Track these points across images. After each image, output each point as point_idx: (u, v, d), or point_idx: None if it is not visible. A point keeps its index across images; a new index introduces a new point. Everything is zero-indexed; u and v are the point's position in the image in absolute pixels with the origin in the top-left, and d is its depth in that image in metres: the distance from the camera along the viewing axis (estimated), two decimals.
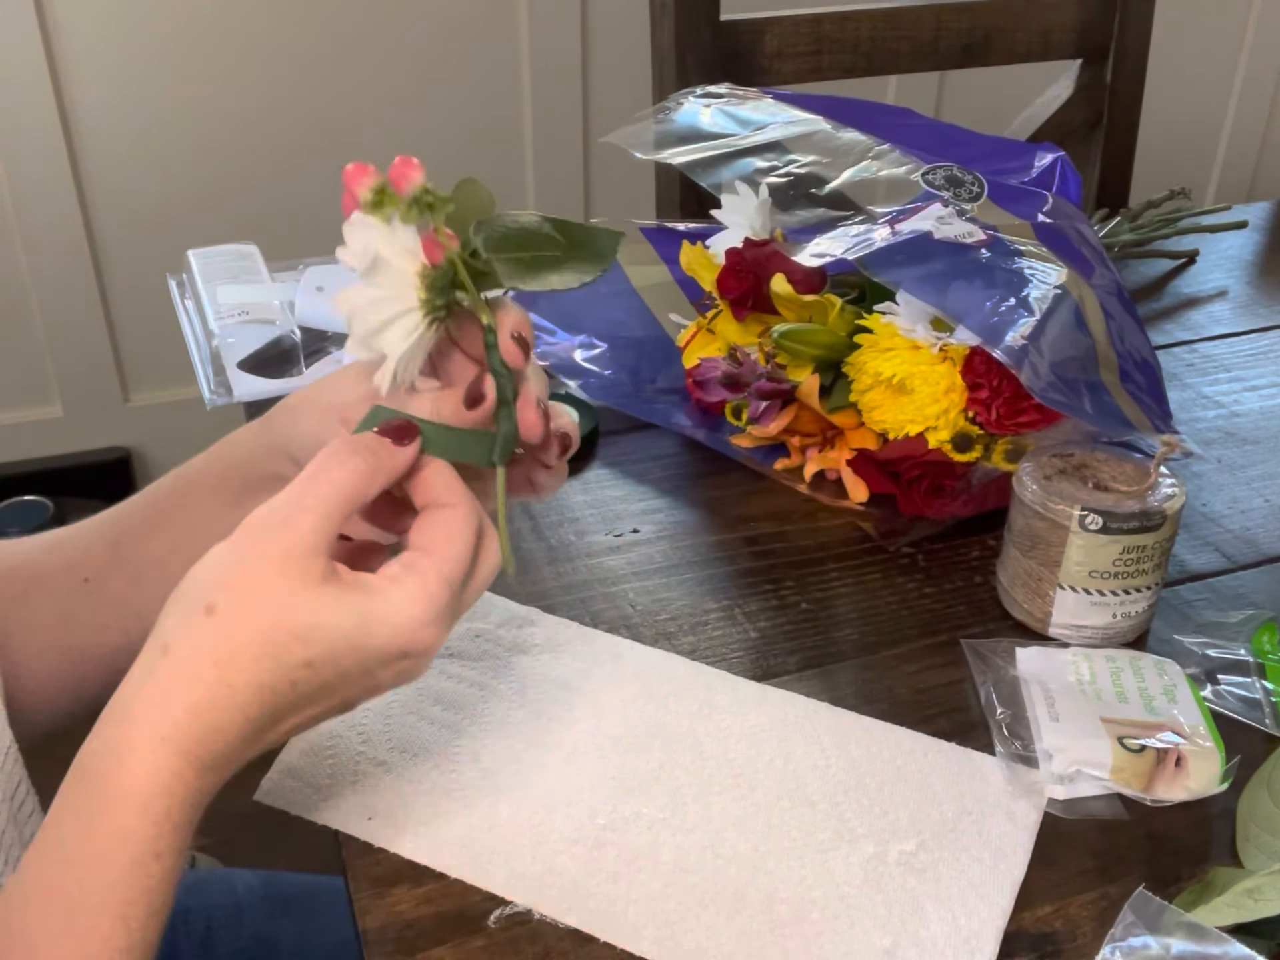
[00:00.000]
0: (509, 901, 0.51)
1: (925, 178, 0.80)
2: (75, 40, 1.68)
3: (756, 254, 0.79)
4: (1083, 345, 0.70)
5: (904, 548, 0.73)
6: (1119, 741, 0.57)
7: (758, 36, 1.12)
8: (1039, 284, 0.70)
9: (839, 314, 0.76)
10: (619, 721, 0.60)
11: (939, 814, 0.55)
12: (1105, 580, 0.63)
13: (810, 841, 0.54)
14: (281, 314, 0.90)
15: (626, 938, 0.49)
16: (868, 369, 0.73)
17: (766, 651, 0.65)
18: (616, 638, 0.65)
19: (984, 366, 0.70)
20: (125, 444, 1.93)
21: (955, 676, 0.64)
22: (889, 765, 0.58)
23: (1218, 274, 1.07)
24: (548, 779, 0.56)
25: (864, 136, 0.84)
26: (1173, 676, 0.62)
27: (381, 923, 0.50)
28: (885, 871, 0.52)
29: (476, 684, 0.61)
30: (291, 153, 1.77)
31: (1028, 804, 0.56)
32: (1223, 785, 0.57)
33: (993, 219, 0.76)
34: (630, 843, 0.53)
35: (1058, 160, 0.89)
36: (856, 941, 0.49)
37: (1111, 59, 1.23)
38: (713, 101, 0.88)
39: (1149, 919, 0.48)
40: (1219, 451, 0.83)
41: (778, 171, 0.82)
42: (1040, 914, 0.51)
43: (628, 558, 0.72)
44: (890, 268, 0.71)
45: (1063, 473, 0.65)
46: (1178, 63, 2.13)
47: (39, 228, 1.75)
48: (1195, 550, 0.73)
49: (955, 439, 0.72)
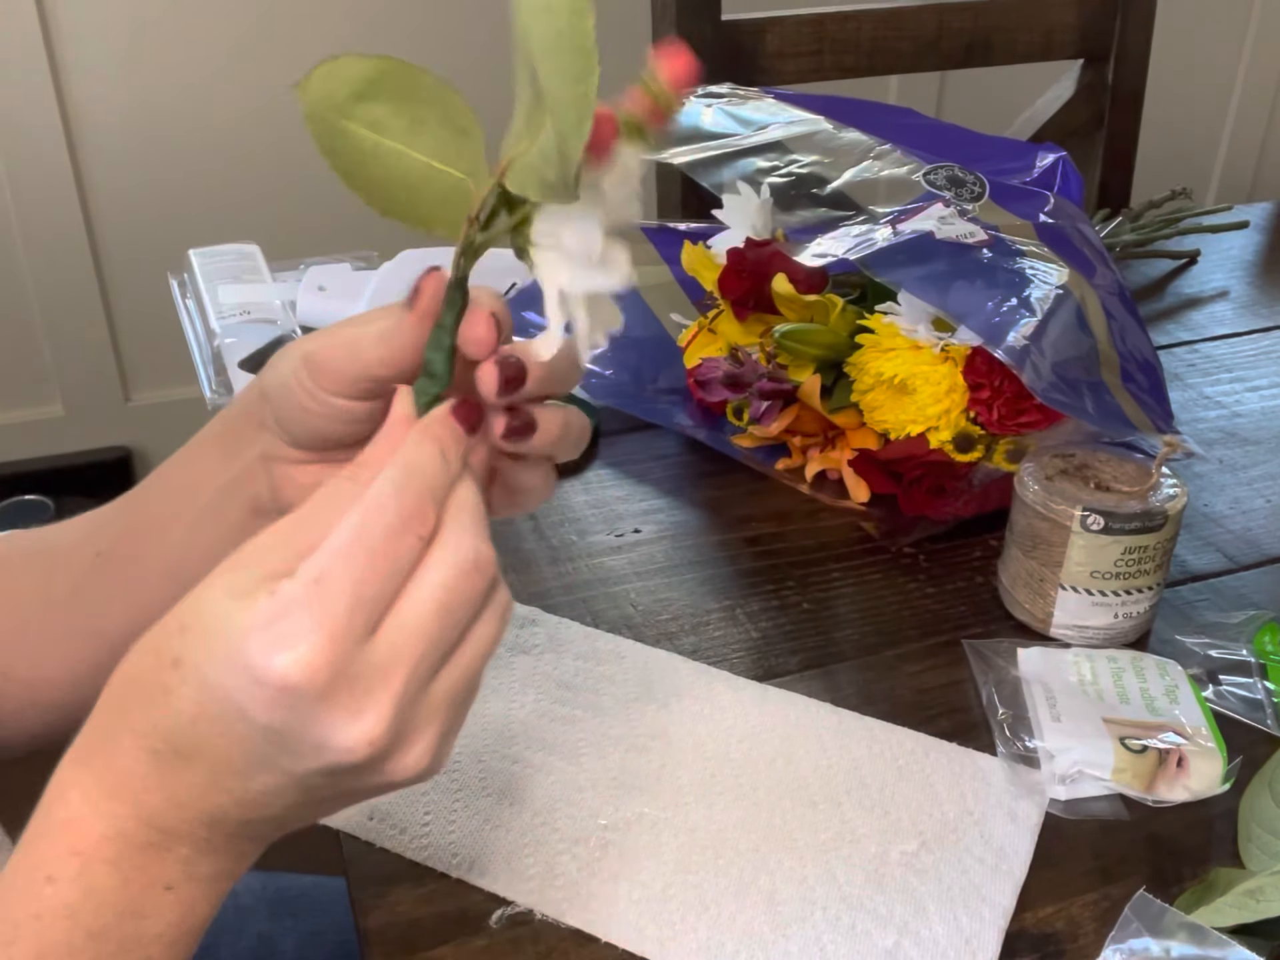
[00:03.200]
0: (511, 902, 0.51)
1: (927, 178, 0.80)
2: (77, 40, 1.68)
3: (758, 254, 0.79)
4: (1084, 345, 0.70)
5: (905, 548, 0.73)
6: (1121, 742, 0.57)
7: (759, 36, 1.12)
8: (1041, 284, 0.70)
9: (840, 314, 0.76)
10: (621, 721, 0.60)
11: (941, 814, 0.55)
12: (1107, 581, 0.63)
13: (812, 841, 0.54)
14: (283, 313, 0.90)
15: (629, 938, 0.49)
16: (869, 369, 0.73)
17: (768, 652, 0.65)
18: (618, 638, 0.65)
19: (986, 367, 0.70)
20: (126, 444, 1.93)
21: (957, 677, 0.64)
22: (891, 765, 0.58)
23: (1219, 274, 1.07)
24: (549, 779, 0.56)
25: (865, 136, 0.84)
26: (1174, 677, 0.62)
27: (382, 922, 0.50)
28: (887, 872, 0.52)
29: None
30: (293, 152, 1.76)
31: (1030, 805, 0.56)
32: (1224, 786, 0.57)
33: (994, 219, 0.76)
34: (632, 843, 0.53)
35: (1059, 160, 0.89)
36: (859, 941, 0.49)
37: (1113, 59, 1.23)
38: (714, 101, 0.88)
39: (1150, 921, 0.48)
40: (1220, 452, 0.83)
41: (779, 171, 0.82)
42: (1042, 914, 0.51)
43: (629, 558, 0.72)
44: (892, 268, 0.71)
45: (1064, 473, 0.65)
46: (1179, 63, 2.13)
47: (40, 227, 1.75)
48: (1197, 551, 0.73)
49: (957, 439, 0.72)
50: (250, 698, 0.33)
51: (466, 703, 0.38)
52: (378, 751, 0.34)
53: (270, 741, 0.34)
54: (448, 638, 0.36)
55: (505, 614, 0.38)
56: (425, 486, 0.36)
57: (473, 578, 0.36)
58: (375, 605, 0.34)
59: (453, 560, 0.35)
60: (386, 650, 0.34)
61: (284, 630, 0.33)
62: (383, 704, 0.34)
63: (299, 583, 0.34)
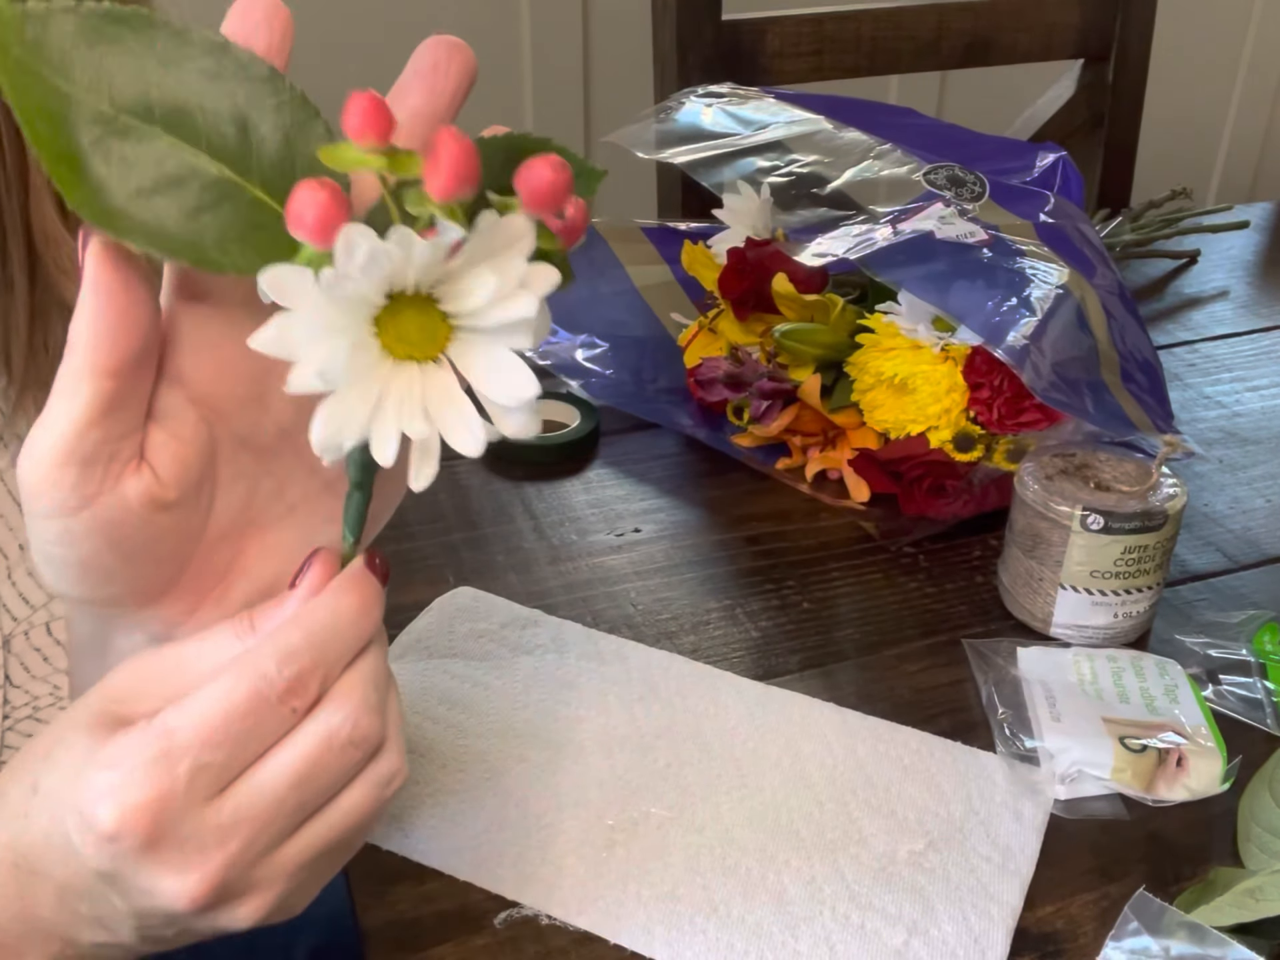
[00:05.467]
0: (516, 904, 0.51)
1: (927, 177, 0.80)
2: None
3: (758, 254, 0.79)
4: (1084, 345, 0.70)
5: (905, 547, 0.73)
6: (1120, 741, 0.57)
7: (759, 36, 1.12)
8: (1041, 284, 0.70)
9: (841, 314, 0.76)
10: (625, 721, 0.60)
11: (947, 813, 0.55)
12: (1107, 580, 0.63)
13: (819, 841, 0.54)
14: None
15: (638, 939, 0.49)
16: (869, 368, 0.73)
17: (768, 651, 0.65)
18: (621, 639, 0.65)
19: (986, 366, 0.70)
20: None
21: (956, 676, 0.64)
22: (896, 765, 0.58)
23: (1219, 274, 1.07)
24: (555, 779, 0.56)
25: (866, 136, 0.84)
26: (1174, 676, 0.62)
27: (383, 921, 0.50)
28: (895, 871, 0.52)
29: (481, 684, 0.61)
30: None
31: (1034, 804, 0.56)
32: (1224, 785, 0.57)
33: (994, 219, 0.76)
34: (639, 843, 0.53)
35: (1059, 160, 0.89)
36: (868, 941, 0.49)
37: (1113, 59, 1.23)
38: (714, 101, 0.88)
39: (1149, 920, 0.48)
40: (1220, 452, 0.83)
41: (779, 171, 0.82)
42: (1041, 914, 0.51)
43: (629, 557, 0.72)
44: (892, 267, 0.71)
45: (1064, 473, 0.65)
46: (1179, 63, 2.13)
47: None
48: (1197, 550, 0.73)
49: (957, 439, 0.72)
50: (81, 839, 0.33)
51: (331, 862, 0.37)
52: (200, 908, 0.34)
53: (102, 879, 0.34)
54: (305, 806, 0.34)
55: (386, 783, 0.36)
56: (318, 660, 0.34)
57: (343, 753, 0.34)
58: (224, 770, 0.33)
59: (324, 733, 0.34)
60: (229, 813, 0.33)
61: (117, 780, 0.32)
62: (212, 864, 0.33)
63: (150, 735, 0.33)
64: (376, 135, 0.28)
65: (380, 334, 0.29)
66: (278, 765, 0.34)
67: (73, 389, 0.31)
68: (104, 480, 0.32)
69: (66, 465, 0.31)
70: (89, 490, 0.32)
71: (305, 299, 0.28)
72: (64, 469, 0.31)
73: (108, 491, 0.32)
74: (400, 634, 0.65)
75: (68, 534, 0.32)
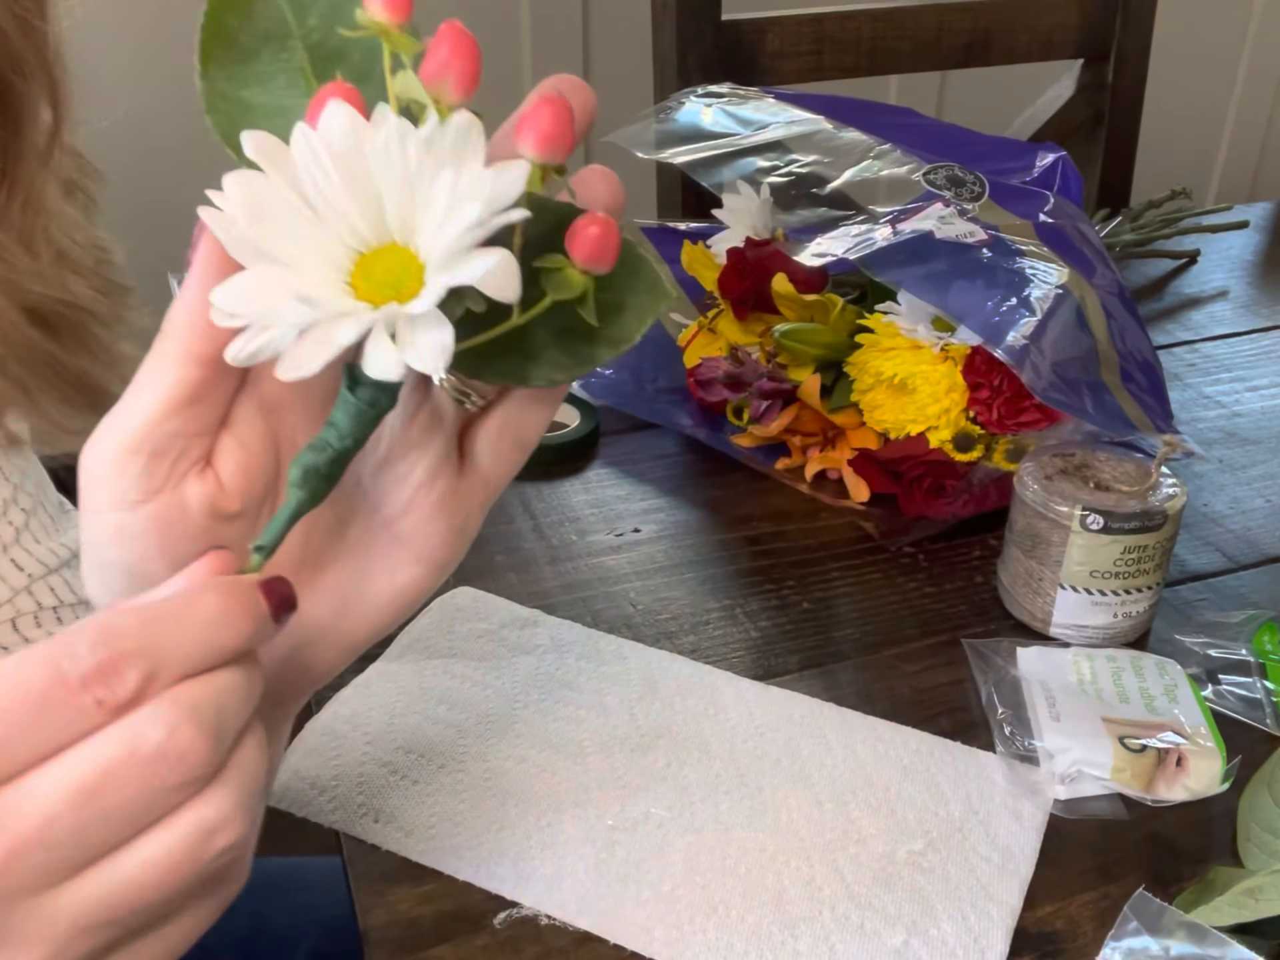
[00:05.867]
0: (516, 904, 0.51)
1: (927, 177, 0.80)
2: (77, 39, 1.68)
3: (758, 254, 0.79)
4: (1084, 345, 0.70)
5: (905, 547, 0.73)
6: (1120, 741, 0.57)
7: (759, 36, 1.12)
8: (1040, 284, 0.70)
9: (840, 313, 0.76)
10: (625, 721, 0.60)
11: (947, 814, 0.55)
12: (1106, 580, 0.63)
13: (819, 841, 0.54)
14: None
15: (637, 939, 0.49)
16: (869, 368, 0.73)
17: (767, 651, 0.65)
18: (621, 639, 0.65)
19: (985, 366, 0.70)
20: None
21: (956, 676, 0.64)
22: (895, 765, 0.58)
23: (1219, 274, 1.07)
24: (555, 779, 0.56)
25: (865, 136, 0.84)
26: (1174, 676, 0.62)
27: (383, 921, 0.50)
28: (895, 871, 0.52)
29: (480, 684, 0.61)
30: None
31: (1033, 804, 0.56)
32: (1224, 785, 0.57)
33: (994, 219, 0.76)
34: (639, 843, 0.53)
35: (1059, 160, 0.89)
36: (868, 941, 0.49)
37: (1113, 59, 1.23)
38: (714, 101, 0.88)
39: (1149, 920, 0.48)
40: (1220, 451, 0.83)
41: (779, 171, 0.82)
42: (1041, 914, 0.51)
43: (629, 557, 0.72)
44: (891, 267, 0.71)
45: (1064, 472, 0.65)
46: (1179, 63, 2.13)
47: None
48: (1196, 550, 0.73)
49: (956, 439, 0.72)
50: None
51: (133, 952, 0.28)
52: None
53: None
54: (87, 834, 0.26)
55: (208, 834, 0.27)
56: (145, 649, 0.26)
57: (150, 768, 0.26)
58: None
59: (128, 739, 0.26)
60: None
61: None
62: None
63: None
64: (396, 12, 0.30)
65: (353, 274, 0.30)
66: (60, 770, 0.26)
67: (160, 374, 0.30)
68: (169, 476, 0.31)
69: (136, 453, 0.31)
70: (152, 484, 0.31)
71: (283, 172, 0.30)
72: (133, 456, 0.31)
73: (169, 490, 0.31)
74: (400, 634, 0.65)
75: (122, 532, 0.31)
